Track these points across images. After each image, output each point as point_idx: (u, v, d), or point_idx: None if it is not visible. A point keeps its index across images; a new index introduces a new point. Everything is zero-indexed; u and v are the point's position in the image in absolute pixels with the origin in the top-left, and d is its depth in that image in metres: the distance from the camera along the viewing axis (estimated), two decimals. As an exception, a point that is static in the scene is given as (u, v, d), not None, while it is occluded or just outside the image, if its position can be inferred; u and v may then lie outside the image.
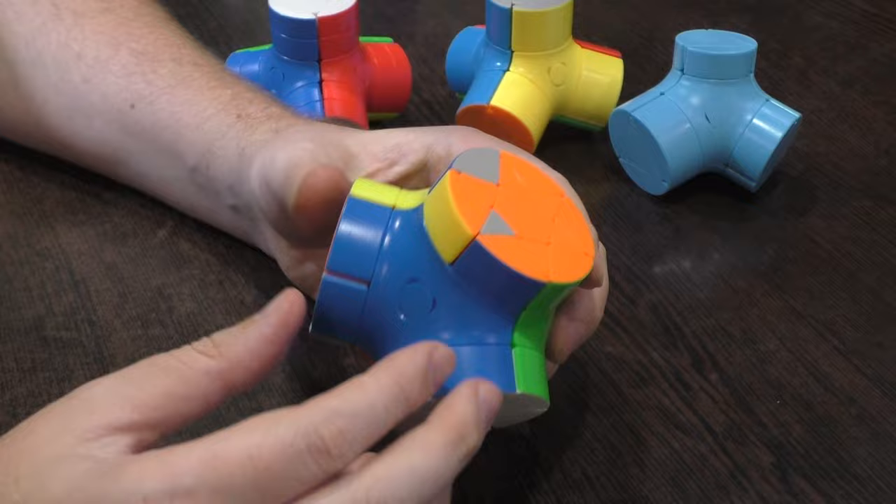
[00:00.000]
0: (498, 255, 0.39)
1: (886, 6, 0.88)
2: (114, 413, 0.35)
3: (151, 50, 0.60)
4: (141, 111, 0.58)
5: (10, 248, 0.60)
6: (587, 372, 0.53)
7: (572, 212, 0.43)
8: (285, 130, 0.52)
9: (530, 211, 0.41)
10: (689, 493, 0.47)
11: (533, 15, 0.65)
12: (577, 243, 0.42)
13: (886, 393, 0.52)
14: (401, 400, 0.36)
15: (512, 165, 0.43)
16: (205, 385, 0.37)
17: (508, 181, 0.42)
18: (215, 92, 0.57)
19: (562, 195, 0.43)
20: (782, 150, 0.64)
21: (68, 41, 0.61)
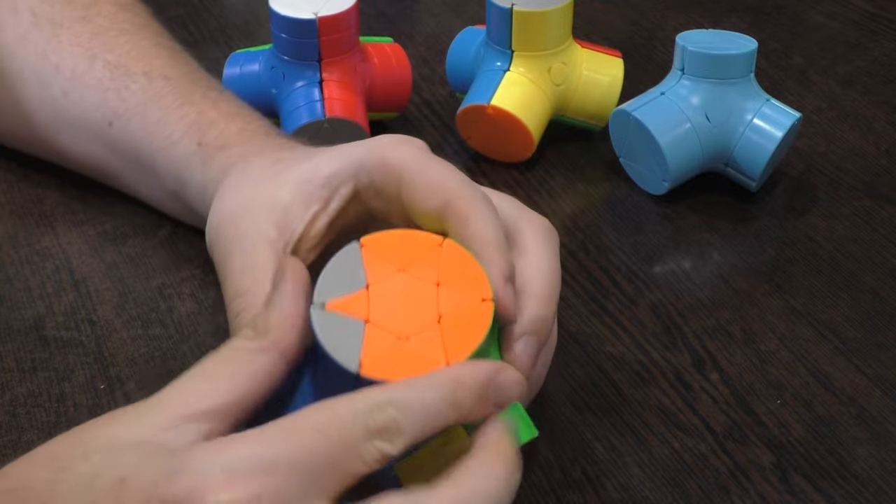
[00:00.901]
0: (386, 377, 0.38)
1: (886, 6, 0.87)
2: (186, 403, 0.36)
3: (125, 62, 0.59)
4: (118, 130, 0.58)
5: (11, 248, 0.60)
6: (587, 372, 0.53)
7: (456, 257, 0.41)
8: (228, 175, 0.51)
9: (409, 291, 0.40)
10: (689, 493, 0.47)
11: (533, 15, 0.65)
12: (469, 297, 0.40)
13: (887, 393, 0.52)
14: (451, 404, 0.37)
15: (378, 246, 0.41)
16: (263, 360, 0.38)
17: (377, 274, 0.40)
18: (182, 111, 0.56)
19: (439, 244, 0.41)
20: (782, 149, 0.64)
21: (46, 52, 0.60)
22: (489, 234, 0.43)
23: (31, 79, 0.61)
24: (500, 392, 0.38)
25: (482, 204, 0.44)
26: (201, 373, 0.38)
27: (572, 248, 0.61)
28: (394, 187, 0.45)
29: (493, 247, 0.42)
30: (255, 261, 0.46)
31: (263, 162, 0.51)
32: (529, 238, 0.46)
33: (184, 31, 0.82)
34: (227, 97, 0.58)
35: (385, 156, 0.46)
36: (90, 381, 0.52)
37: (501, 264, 0.42)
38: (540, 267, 0.45)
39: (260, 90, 0.67)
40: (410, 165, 0.45)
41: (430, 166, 0.45)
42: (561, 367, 0.53)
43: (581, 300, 0.57)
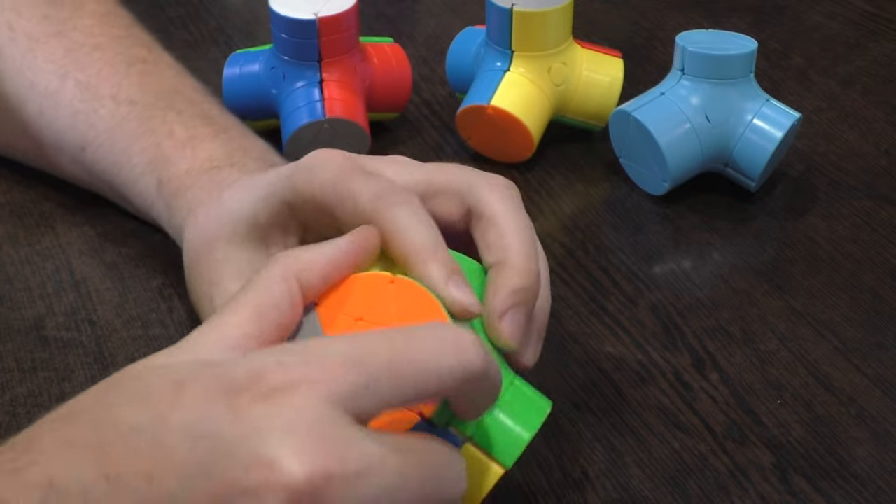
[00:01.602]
0: None
1: (886, 6, 0.88)
2: (217, 334, 0.37)
3: (94, 82, 0.59)
4: (91, 156, 0.58)
5: (11, 248, 0.60)
6: (587, 372, 0.53)
7: (408, 292, 0.41)
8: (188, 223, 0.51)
9: None
10: (689, 493, 0.47)
11: (533, 15, 0.65)
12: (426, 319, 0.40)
13: (886, 393, 0.52)
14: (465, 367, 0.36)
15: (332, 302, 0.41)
16: (283, 288, 0.39)
17: (335, 330, 0.40)
18: (143, 142, 0.56)
19: (391, 281, 0.41)
20: (782, 150, 0.64)
21: (23, 69, 0.60)
22: (417, 239, 0.42)
23: (12, 94, 0.60)
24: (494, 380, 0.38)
25: (405, 208, 0.42)
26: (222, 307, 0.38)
27: (572, 248, 0.61)
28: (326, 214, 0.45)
29: (425, 252, 0.41)
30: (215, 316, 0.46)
31: (207, 212, 0.50)
32: (492, 205, 0.44)
33: (184, 31, 0.83)
34: (186, 118, 0.56)
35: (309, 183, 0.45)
36: (90, 381, 0.52)
37: (437, 268, 0.41)
38: (510, 233, 0.44)
39: (260, 90, 0.67)
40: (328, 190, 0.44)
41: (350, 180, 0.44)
42: (561, 367, 0.53)
43: (581, 300, 0.57)
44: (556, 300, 0.57)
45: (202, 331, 0.37)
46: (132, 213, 0.61)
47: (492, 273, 0.43)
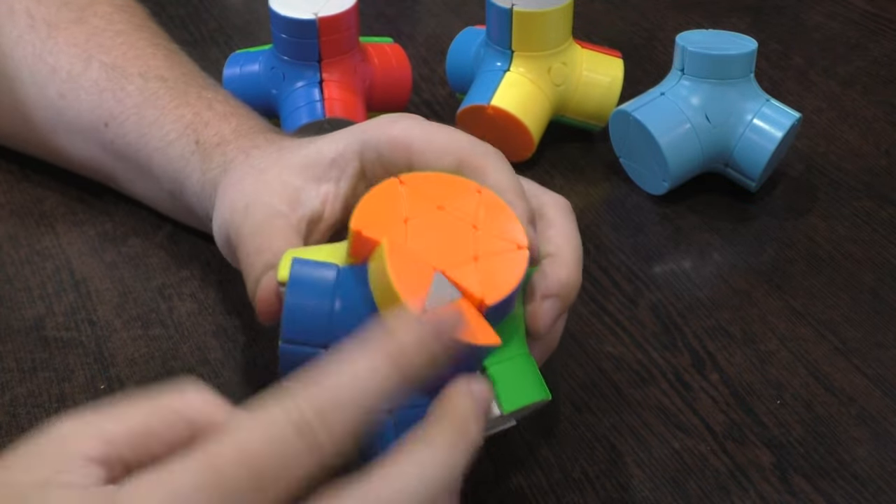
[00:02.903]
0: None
1: (886, 6, 0.88)
2: (86, 445, 0.34)
3: (120, 63, 0.59)
4: (114, 131, 0.58)
5: (11, 248, 0.60)
6: (587, 372, 0.53)
7: (493, 205, 0.42)
8: (229, 170, 0.51)
9: (447, 228, 0.40)
10: (689, 493, 0.47)
11: (533, 15, 0.65)
12: (506, 242, 0.41)
13: (886, 393, 0.52)
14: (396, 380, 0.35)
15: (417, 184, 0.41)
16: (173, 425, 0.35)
17: (416, 209, 0.40)
18: (178, 112, 0.56)
19: (478, 190, 0.42)
20: (782, 150, 0.64)
21: (42, 54, 0.60)
22: (507, 182, 0.44)
23: (28, 80, 0.61)
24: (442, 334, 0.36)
25: (494, 157, 0.46)
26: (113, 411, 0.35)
27: (572, 249, 0.61)
28: (403, 158, 0.47)
29: (512, 193, 0.44)
30: (272, 236, 0.46)
31: (263, 153, 0.51)
32: (553, 212, 0.47)
33: (184, 31, 0.82)
34: (222, 98, 0.58)
35: (389, 130, 0.47)
36: (90, 381, 0.52)
37: (524, 207, 0.44)
38: (567, 236, 0.46)
39: (260, 90, 0.67)
40: (417, 134, 0.47)
41: (437, 131, 0.47)
42: (561, 367, 0.53)
43: (581, 300, 0.57)
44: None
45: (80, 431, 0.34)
46: (140, 194, 0.61)
47: (544, 264, 0.45)
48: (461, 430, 0.36)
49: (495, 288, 0.39)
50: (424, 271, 0.39)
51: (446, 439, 0.36)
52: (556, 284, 0.44)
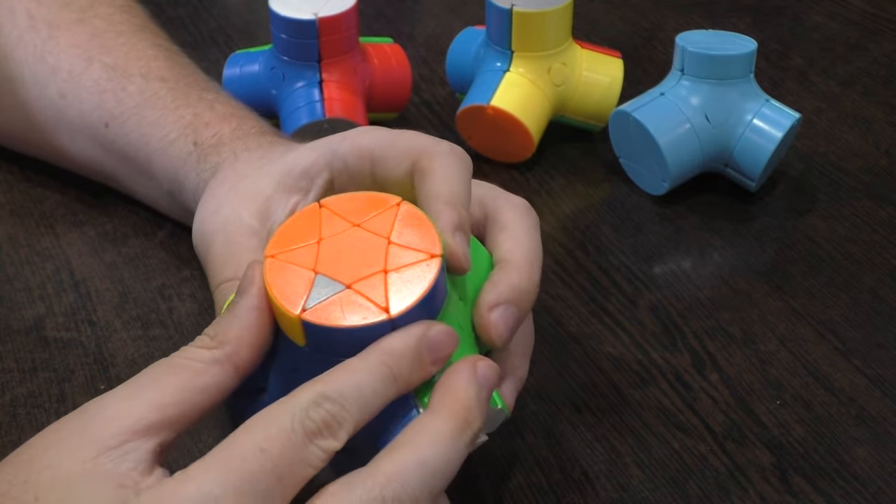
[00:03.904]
0: (328, 322, 0.38)
1: (886, 6, 0.88)
2: (132, 416, 0.36)
3: (122, 63, 0.59)
4: (114, 131, 0.58)
5: (11, 249, 0.60)
6: (587, 372, 0.53)
7: (411, 217, 0.41)
8: (217, 173, 0.52)
9: (360, 245, 0.40)
10: (689, 493, 0.47)
11: (533, 15, 0.65)
12: (418, 253, 0.40)
13: (886, 393, 0.52)
14: (389, 379, 0.37)
15: (337, 206, 0.41)
16: (215, 373, 0.37)
17: (331, 230, 0.41)
18: (178, 112, 0.57)
19: (397, 203, 0.41)
20: (782, 150, 0.64)
21: (43, 54, 0.60)
22: (444, 188, 0.43)
23: (29, 80, 0.61)
24: (433, 349, 0.38)
25: (444, 158, 0.44)
26: (149, 380, 0.37)
27: (571, 249, 0.61)
28: (367, 168, 0.46)
29: (444, 200, 0.42)
30: (238, 249, 0.47)
31: (250, 157, 0.51)
32: (508, 215, 0.46)
33: (184, 32, 0.83)
34: (223, 99, 0.58)
35: (356, 141, 0.47)
36: (90, 381, 0.52)
37: (452, 215, 0.41)
38: (519, 239, 0.45)
39: (260, 91, 0.67)
40: (381, 141, 0.46)
41: (398, 137, 0.46)
42: (561, 367, 0.53)
43: (581, 300, 0.57)
44: (556, 300, 0.57)
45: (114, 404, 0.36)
46: (140, 195, 0.61)
47: (495, 269, 0.44)
48: (464, 420, 0.37)
49: (402, 299, 0.38)
50: (305, 278, 0.39)
51: (449, 432, 0.36)
52: (507, 290, 0.42)
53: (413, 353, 0.37)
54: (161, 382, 0.37)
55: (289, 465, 0.34)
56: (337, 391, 0.36)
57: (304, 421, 0.35)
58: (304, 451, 0.35)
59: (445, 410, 0.37)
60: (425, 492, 0.35)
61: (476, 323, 0.42)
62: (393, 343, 0.37)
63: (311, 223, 0.41)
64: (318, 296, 0.38)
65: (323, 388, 0.36)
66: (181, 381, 0.37)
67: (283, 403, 0.35)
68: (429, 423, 0.37)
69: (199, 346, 0.38)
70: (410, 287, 0.39)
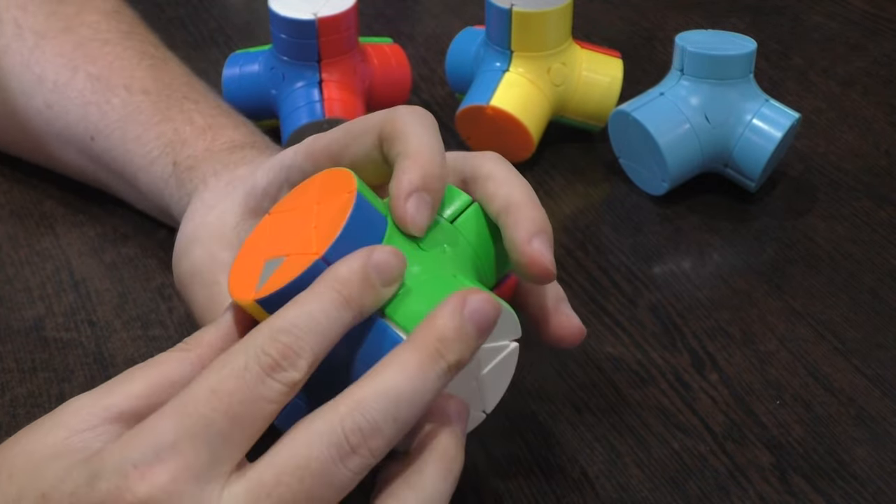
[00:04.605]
0: (275, 288, 0.38)
1: (886, 6, 0.88)
2: (102, 405, 0.37)
3: (106, 74, 0.59)
4: (100, 145, 0.58)
5: (11, 249, 0.60)
6: (587, 372, 0.53)
7: (334, 174, 0.42)
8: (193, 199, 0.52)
9: (298, 223, 0.41)
10: (689, 493, 0.47)
11: (533, 15, 0.65)
12: (339, 192, 0.40)
13: (886, 393, 0.52)
14: (340, 303, 0.37)
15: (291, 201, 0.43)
16: (184, 369, 0.39)
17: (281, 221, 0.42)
18: (159, 128, 0.56)
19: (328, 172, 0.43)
20: (782, 150, 0.64)
21: (30, 63, 0.60)
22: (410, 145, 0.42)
23: (17, 89, 0.61)
24: (381, 270, 0.38)
25: (405, 116, 0.43)
26: (122, 378, 0.39)
27: (571, 248, 0.61)
28: (329, 165, 0.45)
29: (409, 158, 0.42)
30: (219, 289, 0.47)
31: (217, 184, 0.51)
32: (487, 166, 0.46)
33: (184, 32, 0.83)
34: (204, 108, 0.57)
35: (308, 148, 0.46)
36: (90, 381, 0.52)
37: (412, 176, 0.41)
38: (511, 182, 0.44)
39: (259, 91, 0.67)
40: (335, 136, 0.45)
41: (353, 122, 0.45)
42: (561, 367, 0.53)
43: (580, 300, 0.57)
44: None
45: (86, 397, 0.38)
46: (136, 206, 0.61)
47: (506, 215, 0.43)
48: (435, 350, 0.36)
49: (327, 238, 0.39)
50: (256, 266, 0.40)
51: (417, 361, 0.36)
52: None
53: (360, 276, 0.37)
54: (132, 378, 0.38)
55: (242, 404, 0.35)
56: (290, 323, 0.36)
57: (258, 357, 0.35)
58: (259, 388, 0.35)
59: (418, 339, 0.36)
60: (388, 419, 0.35)
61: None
62: (338, 270, 0.37)
63: (264, 229, 0.43)
64: (266, 275, 0.40)
65: (275, 322, 0.36)
66: (151, 376, 0.38)
67: (239, 345, 0.36)
68: (398, 353, 0.36)
69: (172, 350, 0.40)
70: (333, 227, 0.39)
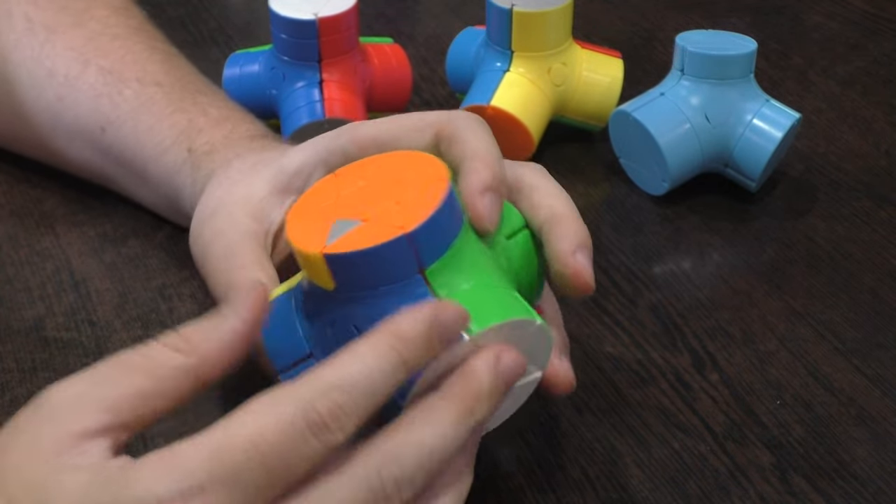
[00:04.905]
0: (349, 249, 0.38)
1: (886, 6, 0.88)
2: (86, 419, 0.35)
3: (118, 67, 0.59)
4: (111, 136, 0.58)
5: (11, 249, 0.60)
6: (587, 372, 0.53)
7: (418, 157, 0.42)
8: (211, 179, 0.52)
9: (375, 193, 0.41)
10: (689, 493, 0.47)
11: (533, 15, 0.65)
12: (428, 178, 0.41)
13: (886, 393, 0.52)
14: (397, 364, 0.35)
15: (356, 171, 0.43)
16: (177, 382, 0.36)
17: (349, 186, 0.42)
18: (173, 118, 0.57)
19: (408, 154, 0.43)
20: (782, 150, 0.64)
21: (41, 57, 0.60)
22: (477, 146, 0.43)
23: (27, 83, 0.61)
24: (444, 331, 0.37)
25: (467, 121, 0.44)
26: (107, 378, 0.36)
27: (572, 249, 0.61)
28: (373, 153, 0.45)
29: (479, 158, 0.42)
30: (237, 250, 0.47)
31: (243, 165, 0.51)
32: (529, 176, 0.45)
33: (184, 32, 0.83)
34: (217, 102, 0.58)
35: (353, 133, 0.47)
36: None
37: (485, 174, 0.42)
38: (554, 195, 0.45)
39: (260, 91, 0.67)
40: (382, 126, 0.46)
41: (402, 117, 0.46)
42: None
43: (580, 300, 0.57)
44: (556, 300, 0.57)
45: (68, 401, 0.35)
46: (142, 201, 0.61)
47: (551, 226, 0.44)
48: (469, 407, 0.36)
49: (414, 218, 0.39)
50: (322, 222, 0.40)
51: (453, 418, 0.36)
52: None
53: (423, 337, 0.36)
54: (119, 382, 0.36)
55: (279, 458, 0.33)
56: (346, 379, 0.34)
57: (307, 412, 0.34)
58: (301, 446, 0.34)
59: (454, 394, 0.36)
60: (421, 472, 0.35)
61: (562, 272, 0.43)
62: (401, 325, 0.36)
63: (329, 188, 0.42)
64: (336, 233, 0.39)
65: (331, 375, 0.34)
66: (139, 383, 0.36)
67: (289, 390, 0.34)
68: (434, 407, 0.36)
69: (166, 345, 0.37)
70: (422, 208, 0.39)
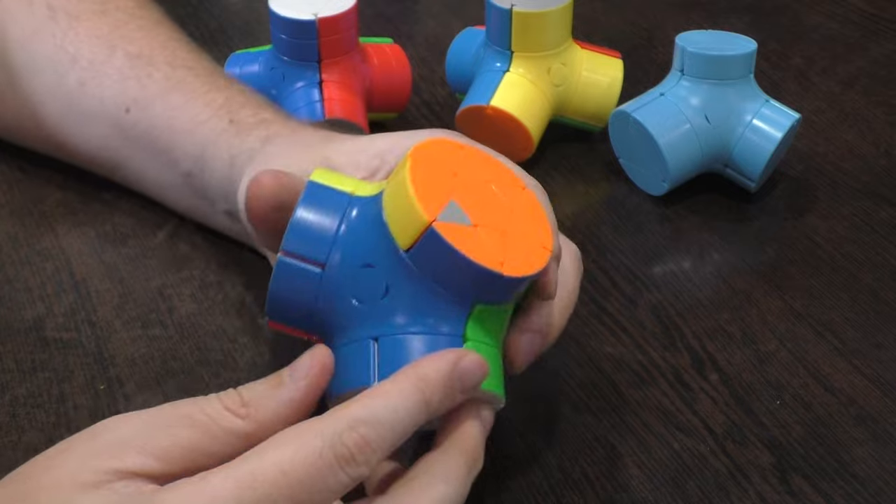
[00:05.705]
0: (453, 243, 0.39)
1: (886, 6, 0.88)
2: (137, 460, 0.35)
3: (146, 53, 0.60)
4: (136, 116, 0.58)
5: (11, 249, 0.60)
6: (587, 372, 0.53)
7: (533, 205, 0.43)
8: (272, 140, 0.52)
9: (488, 201, 0.41)
10: (689, 493, 0.47)
11: (533, 15, 0.65)
12: (534, 236, 0.41)
13: (886, 393, 0.52)
14: (422, 406, 0.37)
15: (473, 157, 0.43)
16: (230, 445, 0.37)
17: (468, 172, 0.42)
18: (209, 96, 0.57)
19: (523, 188, 0.43)
20: (782, 150, 0.64)
21: (63, 44, 0.61)
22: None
23: (47, 69, 0.61)
24: (464, 379, 0.38)
25: (536, 190, 0.45)
26: (165, 425, 0.37)
27: (572, 249, 0.61)
28: None
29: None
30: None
31: (310, 134, 0.52)
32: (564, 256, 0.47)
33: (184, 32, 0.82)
34: (251, 91, 0.59)
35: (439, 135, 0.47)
36: (90, 381, 0.52)
37: (555, 230, 0.44)
38: (564, 282, 0.46)
39: (260, 91, 0.67)
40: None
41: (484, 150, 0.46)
42: (561, 367, 0.53)
43: (580, 301, 0.57)
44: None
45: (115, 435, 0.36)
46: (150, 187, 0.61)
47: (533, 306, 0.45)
48: (474, 459, 0.39)
49: (514, 267, 0.40)
50: (441, 193, 0.40)
51: (464, 471, 0.38)
52: (539, 322, 0.44)
53: (446, 382, 0.38)
54: (175, 433, 0.36)
55: (306, 490, 0.34)
56: (373, 415, 0.36)
57: (335, 445, 0.35)
58: (328, 478, 0.35)
59: (457, 451, 0.38)
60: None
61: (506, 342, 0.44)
62: (425, 369, 0.38)
63: (452, 155, 0.42)
64: (448, 214, 0.39)
65: (359, 411, 0.36)
66: (196, 440, 0.36)
67: (316, 423, 0.35)
68: (445, 461, 0.38)
69: (227, 407, 0.37)
70: (522, 262, 0.40)
